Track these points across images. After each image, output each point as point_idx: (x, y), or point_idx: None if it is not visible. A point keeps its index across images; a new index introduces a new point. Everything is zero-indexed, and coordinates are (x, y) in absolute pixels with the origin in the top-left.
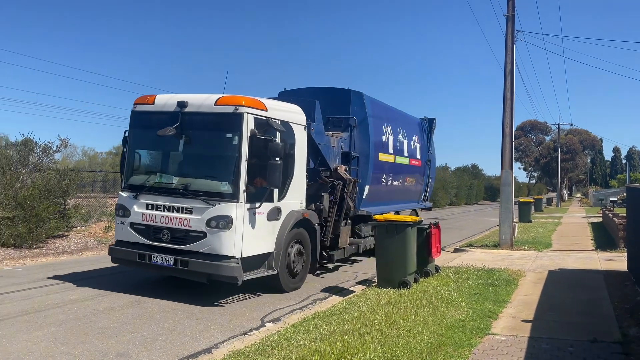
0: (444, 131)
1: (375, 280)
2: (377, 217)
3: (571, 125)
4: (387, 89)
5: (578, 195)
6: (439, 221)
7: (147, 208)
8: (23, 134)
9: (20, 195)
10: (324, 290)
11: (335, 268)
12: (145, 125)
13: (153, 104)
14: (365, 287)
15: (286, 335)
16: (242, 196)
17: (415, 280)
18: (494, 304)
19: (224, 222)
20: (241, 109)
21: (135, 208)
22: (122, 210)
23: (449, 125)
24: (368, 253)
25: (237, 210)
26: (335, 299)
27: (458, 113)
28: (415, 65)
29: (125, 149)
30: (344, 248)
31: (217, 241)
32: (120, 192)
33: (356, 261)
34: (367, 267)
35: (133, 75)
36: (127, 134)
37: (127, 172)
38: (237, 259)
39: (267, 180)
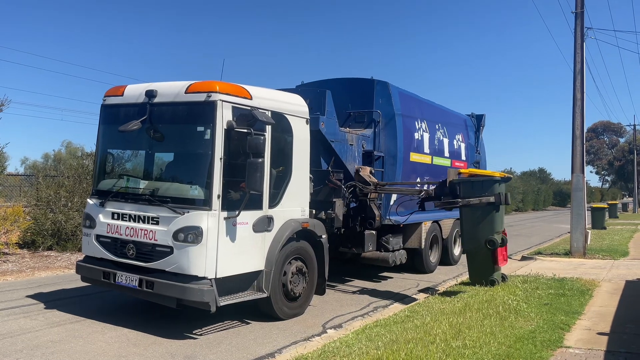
0: (508, 133)
1: (438, 287)
2: (464, 171)
3: None
4: (443, 88)
5: None
6: (505, 228)
7: (112, 218)
8: None
9: None
10: (386, 297)
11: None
12: (113, 121)
13: (122, 95)
14: (427, 295)
15: (348, 342)
16: (216, 203)
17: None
18: (567, 315)
19: (193, 235)
20: (215, 96)
21: (101, 218)
22: (89, 221)
23: (515, 127)
24: (399, 268)
25: (209, 220)
26: (397, 307)
27: (524, 114)
28: (477, 63)
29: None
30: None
31: (184, 258)
32: (87, 200)
33: (384, 278)
34: (427, 276)
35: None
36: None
37: (96, 176)
38: (210, 280)
39: (245, 182)
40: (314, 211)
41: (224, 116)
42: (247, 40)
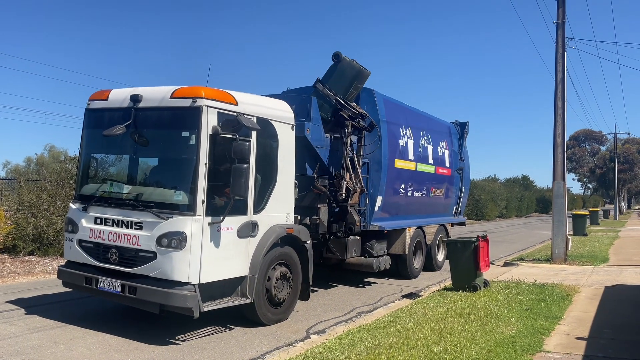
0: (492, 141)
1: (421, 293)
2: None
3: (628, 134)
4: (426, 96)
5: (637, 207)
6: (487, 234)
7: (95, 222)
8: None
9: None
10: (369, 303)
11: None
12: (97, 125)
13: (107, 99)
14: (411, 300)
15: (331, 347)
16: (201, 208)
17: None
18: (546, 320)
19: (177, 240)
20: (200, 102)
21: (84, 222)
22: (71, 225)
23: (498, 134)
24: (383, 274)
25: (193, 225)
26: (380, 312)
27: (507, 122)
28: (460, 71)
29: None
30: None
31: (168, 263)
32: (70, 204)
33: (369, 284)
34: (411, 282)
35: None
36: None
37: (79, 181)
38: (193, 285)
39: (230, 188)
40: (298, 217)
41: (209, 121)
42: (234, 46)
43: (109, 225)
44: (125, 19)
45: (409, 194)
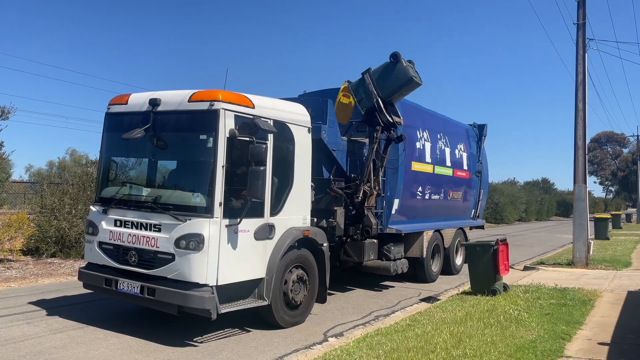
0: (511, 144)
1: (440, 297)
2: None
3: None
4: (445, 98)
5: None
6: (506, 238)
7: (115, 225)
8: None
9: None
10: (387, 306)
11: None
12: (117, 129)
13: (126, 104)
14: (429, 304)
15: (349, 350)
16: (218, 210)
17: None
18: (568, 325)
19: (195, 242)
20: (217, 105)
21: (104, 225)
22: (91, 228)
23: (518, 137)
24: (401, 277)
25: (210, 227)
26: (398, 316)
27: (527, 125)
28: (479, 73)
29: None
30: None
31: (186, 265)
32: (90, 207)
33: (386, 287)
34: (429, 285)
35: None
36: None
37: (99, 184)
38: (211, 287)
39: (247, 190)
40: (315, 219)
41: (226, 124)
42: (251, 50)
43: (128, 228)
44: (147, 26)
45: (427, 197)
